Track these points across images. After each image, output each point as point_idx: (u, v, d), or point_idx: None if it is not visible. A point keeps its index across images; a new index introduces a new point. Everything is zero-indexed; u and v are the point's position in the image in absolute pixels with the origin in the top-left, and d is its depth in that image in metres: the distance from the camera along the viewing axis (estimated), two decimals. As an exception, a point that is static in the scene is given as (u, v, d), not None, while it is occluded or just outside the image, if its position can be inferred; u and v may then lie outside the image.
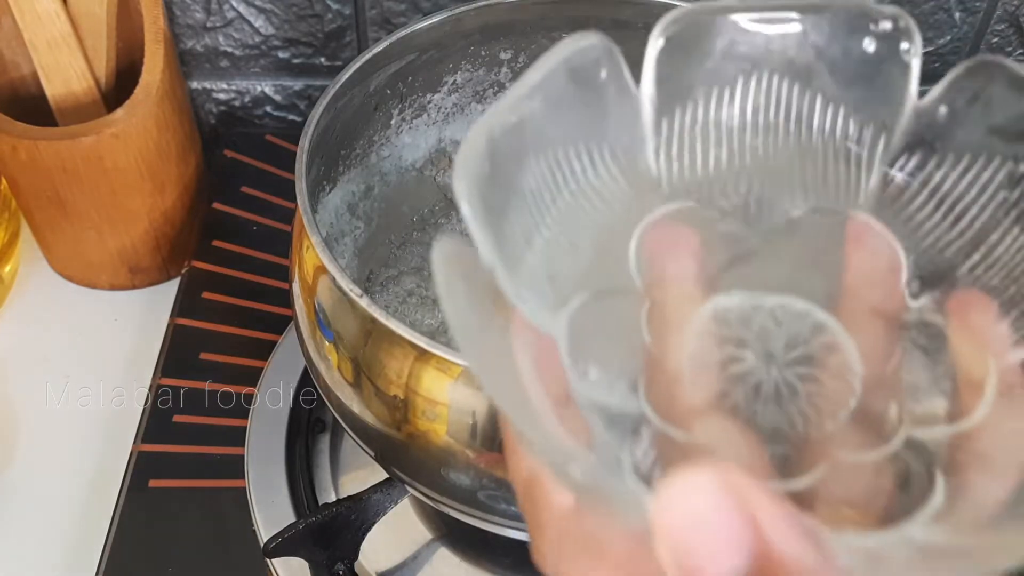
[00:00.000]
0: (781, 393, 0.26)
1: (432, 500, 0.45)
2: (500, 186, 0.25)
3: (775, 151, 0.29)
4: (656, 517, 0.19)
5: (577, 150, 0.27)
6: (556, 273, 0.27)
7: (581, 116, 0.27)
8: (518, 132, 0.26)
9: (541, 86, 0.26)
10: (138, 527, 0.53)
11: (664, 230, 0.28)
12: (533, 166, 0.26)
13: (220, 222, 0.66)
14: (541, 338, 0.25)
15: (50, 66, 0.58)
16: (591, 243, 0.27)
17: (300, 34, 0.69)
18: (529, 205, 0.26)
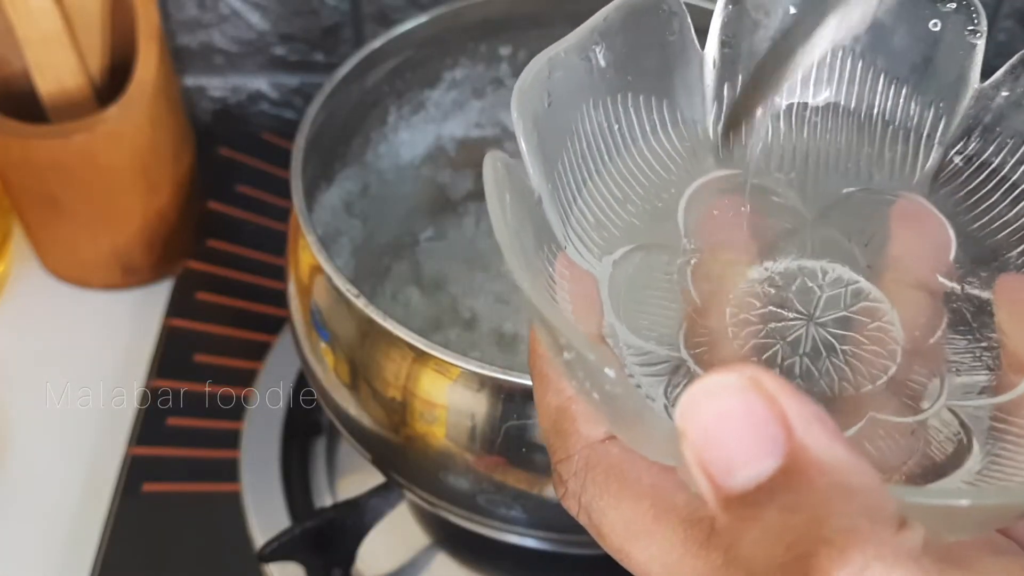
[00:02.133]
0: (819, 351, 0.26)
1: (430, 504, 0.44)
2: (557, 126, 0.25)
3: (834, 127, 0.29)
4: (683, 420, 0.19)
5: (636, 102, 0.28)
6: (604, 222, 0.27)
7: (645, 69, 0.27)
8: (580, 73, 0.26)
9: (606, 31, 0.26)
10: (132, 532, 0.52)
11: (718, 194, 0.28)
12: (592, 112, 0.27)
13: (215, 221, 0.66)
14: (582, 275, 0.26)
15: (42, 63, 0.58)
16: (642, 198, 0.28)
17: (296, 30, 0.68)
18: (584, 151, 0.27)
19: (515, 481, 0.40)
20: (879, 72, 0.29)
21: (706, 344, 0.26)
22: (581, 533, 0.43)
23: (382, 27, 0.66)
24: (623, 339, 0.25)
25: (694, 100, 0.29)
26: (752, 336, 0.26)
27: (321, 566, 0.49)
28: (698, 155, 0.29)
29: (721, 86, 0.29)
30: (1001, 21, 0.67)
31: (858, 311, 0.26)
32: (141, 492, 0.54)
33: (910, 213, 0.28)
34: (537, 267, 0.24)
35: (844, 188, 0.29)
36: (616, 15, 0.26)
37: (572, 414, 0.25)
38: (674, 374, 0.25)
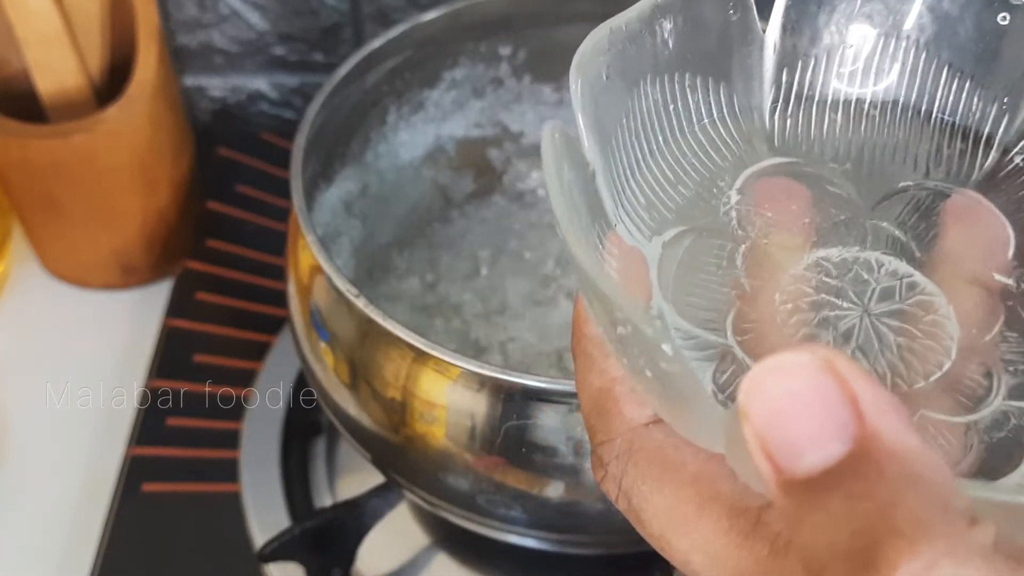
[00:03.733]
0: (872, 343, 0.25)
1: (430, 504, 0.44)
2: (614, 100, 0.25)
3: (892, 120, 0.29)
4: (747, 398, 0.18)
5: (694, 83, 0.27)
6: (656, 203, 0.26)
7: (704, 50, 0.27)
8: (640, 48, 0.25)
9: (668, 7, 0.26)
10: (131, 532, 0.52)
11: (775, 181, 0.28)
12: (649, 89, 0.26)
13: (214, 221, 0.65)
14: (632, 253, 0.25)
15: (42, 63, 0.58)
16: (694, 181, 0.27)
17: (296, 30, 0.68)
18: (639, 129, 0.26)
19: (515, 481, 0.40)
20: (943, 64, 0.28)
21: (754, 331, 0.25)
22: (581, 533, 0.43)
23: (382, 27, 0.66)
24: (671, 321, 0.25)
25: (752, 84, 0.28)
26: (803, 324, 0.25)
27: (321, 566, 0.49)
28: (753, 141, 0.28)
29: (780, 72, 0.29)
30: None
31: (913, 304, 0.26)
32: (141, 492, 0.53)
33: (967, 209, 0.27)
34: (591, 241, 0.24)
35: (900, 182, 0.28)
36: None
37: (616, 395, 0.24)
38: (721, 361, 0.25)
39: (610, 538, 0.43)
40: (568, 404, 0.38)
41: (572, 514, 0.41)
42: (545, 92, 0.58)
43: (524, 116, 0.59)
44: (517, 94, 0.57)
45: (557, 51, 0.56)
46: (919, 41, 0.28)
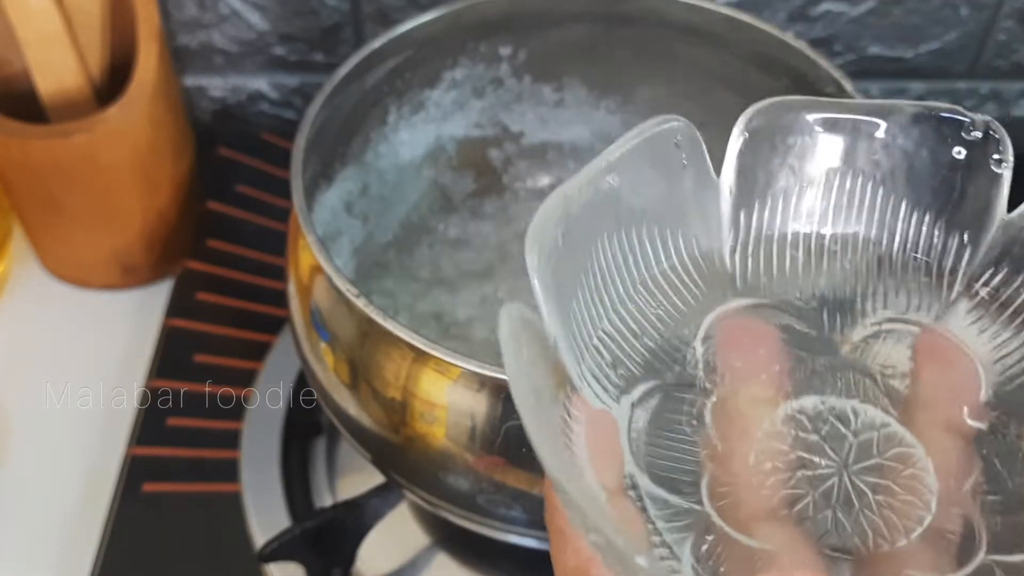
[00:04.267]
0: (852, 501, 0.25)
1: (430, 504, 0.44)
2: (571, 262, 0.25)
3: (854, 255, 0.29)
4: None
5: (651, 234, 0.27)
6: (621, 359, 0.26)
7: (658, 199, 0.27)
8: (593, 208, 0.25)
9: (620, 164, 0.25)
10: (132, 532, 0.52)
11: (740, 323, 0.27)
12: (606, 245, 0.26)
13: (214, 221, 0.65)
14: (601, 420, 0.25)
15: (42, 63, 0.58)
16: (659, 331, 0.27)
17: (296, 30, 0.68)
18: (599, 286, 0.26)
19: (515, 481, 0.40)
20: (900, 199, 0.28)
21: (731, 495, 0.25)
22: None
23: (382, 27, 0.66)
24: (645, 490, 0.24)
25: (710, 228, 0.28)
26: (780, 485, 0.25)
27: (321, 566, 0.49)
28: (715, 285, 0.28)
29: (737, 214, 0.28)
30: (1001, 21, 0.67)
31: (891, 457, 0.25)
32: (141, 492, 0.53)
33: (936, 348, 0.27)
34: (555, 418, 0.23)
35: (867, 319, 0.28)
36: (629, 150, 0.26)
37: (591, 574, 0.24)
38: (702, 530, 0.24)
39: (610, 538, 0.43)
40: (568, 404, 0.38)
41: (572, 514, 0.41)
42: (545, 92, 0.58)
43: (524, 116, 0.59)
44: (517, 94, 0.57)
45: (557, 51, 0.56)
46: (875, 176, 0.28)
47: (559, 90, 0.58)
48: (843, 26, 0.67)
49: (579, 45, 0.56)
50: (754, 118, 0.28)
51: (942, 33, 0.67)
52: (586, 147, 0.60)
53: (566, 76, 0.57)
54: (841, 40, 0.68)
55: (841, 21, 0.66)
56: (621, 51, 0.55)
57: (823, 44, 0.67)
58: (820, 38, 0.67)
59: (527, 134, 0.59)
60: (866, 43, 0.68)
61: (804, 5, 0.66)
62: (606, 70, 0.57)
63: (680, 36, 0.53)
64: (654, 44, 0.54)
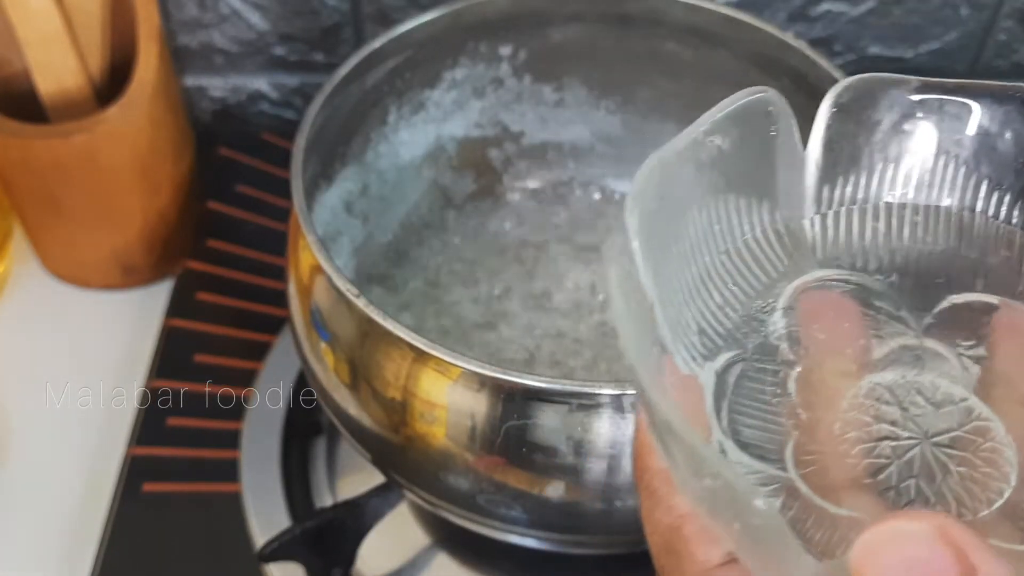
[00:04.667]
0: (934, 473, 0.25)
1: (430, 504, 0.44)
2: (663, 229, 0.25)
3: (935, 231, 0.29)
4: (861, 564, 0.18)
5: (738, 204, 0.28)
6: (706, 329, 0.27)
7: (747, 169, 0.27)
8: (686, 175, 0.26)
9: (714, 131, 0.26)
10: (132, 532, 0.52)
11: (822, 296, 0.28)
12: (696, 213, 0.27)
13: (214, 221, 0.65)
14: (689, 385, 0.25)
15: (42, 63, 0.58)
16: (741, 303, 0.27)
17: (296, 30, 0.68)
18: (687, 254, 0.26)
19: (515, 481, 0.40)
20: (982, 178, 0.28)
21: (816, 463, 0.25)
22: (581, 533, 0.43)
23: (382, 27, 0.66)
24: (732, 457, 0.25)
25: (794, 200, 0.29)
26: (865, 455, 0.25)
27: (321, 566, 0.49)
28: (797, 257, 0.28)
29: (822, 187, 0.29)
30: (1001, 21, 0.67)
31: (971, 430, 0.25)
32: (141, 492, 0.53)
33: (1013, 323, 0.27)
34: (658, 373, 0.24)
35: (947, 294, 0.28)
36: (723, 118, 0.26)
37: (685, 535, 0.24)
38: (786, 496, 0.25)
39: (610, 538, 0.43)
40: (568, 404, 0.38)
41: (572, 514, 0.41)
42: (545, 92, 0.58)
43: (524, 116, 0.58)
44: (517, 94, 0.57)
45: (557, 51, 0.56)
46: (959, 155, 0.29)
47: (559, 90, 0.58)
48: (843, 26, 0.67)
49: (579, 45, 0.56)
50: (843, 93, 0.28)
51: (942, 33, 0.67)
52: (586, 147, 0.60)
53: (566, 76, 0.57)
54: (841, 40, 0.68)
55: (841, 21, 0.66)
56: (621, 51, 0.55)
57: (823, 44, 0.67)
58: (820, 38, 0.67)
59: (527, 134, 0.59)
60: (866, 43, 0.68)
61: (804, 5, 0.66)
62: (606, 70, 0.57)
63: (680, 36, 0.53)
64: (654, 44, 0.54)
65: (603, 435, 0.38)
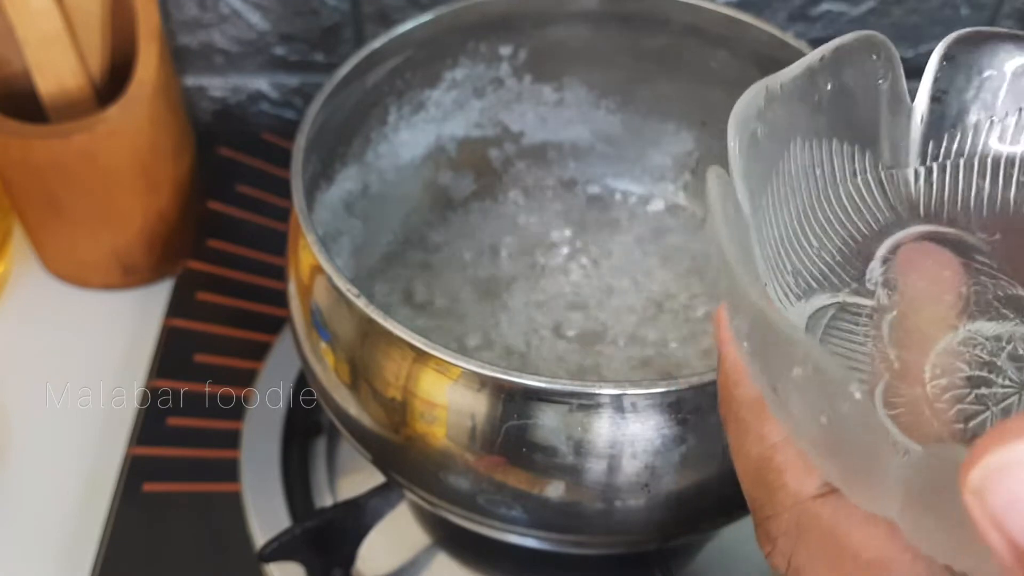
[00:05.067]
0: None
1: (430, 504, 0.44)
2: (763, 160, 0.25)
3: None
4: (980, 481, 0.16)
5: (840, 147, 0.27)
6: (800, 270, 0.26)
7: (852, 115, 0.27)
8: (792, 109, 0.25)
9: (821, 71, 0.25)
10: (132, 532, 0.52)
11: (923, 246, 0.27)
12: (797, 152, 0.26)
13: (215, 221, 0.65)
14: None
15: (42, 63, 0.58)
16: (837, 248, 0.27)
17: (297, 30, 0.68)
18: (786, 191, 0.26)
19: (515, 481, 0.40)
20: None
21: (906, 406, 0.24)
22: (581, 533, 0.43)
23: (382, 27, 0.66)
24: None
25: (898, 153, 0.28)
26: (957, 401, 0.25)
27: (321, 566, 0.49)
28: (898, 208, 0.28)
29: (927, 142, 0.29)
30: (1001, 21, 0.67)
31: None
32: (141, 492, 0.53)
33: None
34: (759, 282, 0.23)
35: None
36: (831, 56, 0.26)
37: (778, 465, 0.23)
38: None
39: (610, 538, 0.43)
40: (568, 404, 0.38)
41: (572, 514, 0.41)
42: (545, 92, 0.58)
43: (524, 116, 0.58)
44: (517, 94, 0.57)
45: (557, 51, 0.56)
46: None
47: (559, 90, 0.58)
48: (843, 26, 0.67)
49: (579, 45, 0.56)
50: (953, 46, 0.28)
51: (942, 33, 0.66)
52: (586, 147, 0.60)
53: (566, 76, 0.57)
54: (841, 40, 0.68)
55: (841, 21, 0.66)
56: (621, 51, 0.55)
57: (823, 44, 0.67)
58: (820, 38, 0.67)
59: (527, 134, 0.59)
60: (866, 43, 0.68)
61: (804, 5, 0.66)
62: (606, 70, 0.57)
63: (680, 36, 0.53)
64: (654, 44, 0.54)
65: (603, 435, 0.38)
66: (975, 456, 0.17)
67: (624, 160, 0.60)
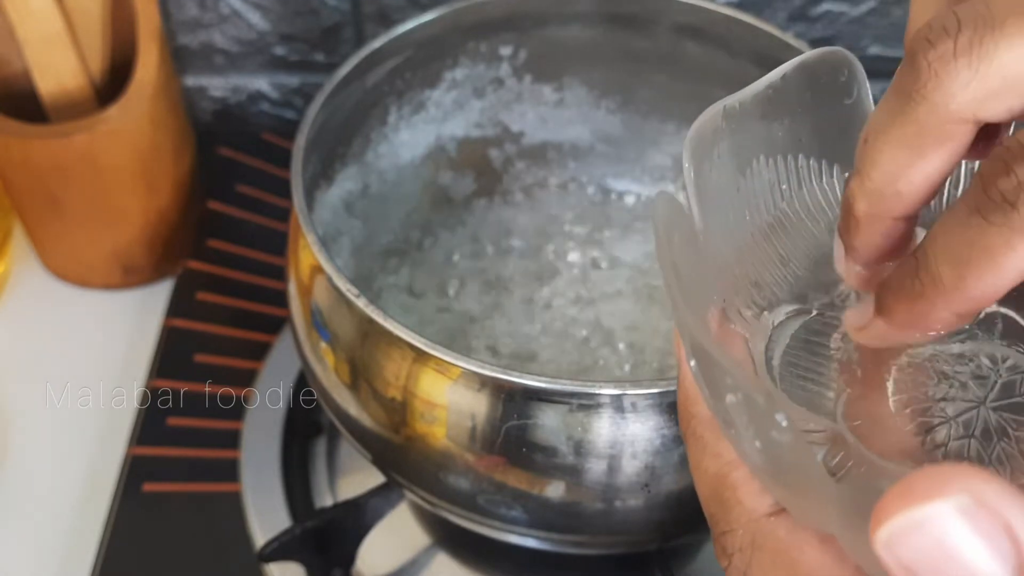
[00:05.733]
0: (991, 435, 0.25)
1: (430, 504, 0.44)
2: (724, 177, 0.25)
3: None
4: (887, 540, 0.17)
5: (807, 163, 0.27)
6: (767, 282, 0.26)
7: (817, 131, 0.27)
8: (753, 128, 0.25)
9: (783, 89, 0.26)
10: (132, 532, 0.52)
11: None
12: (760, 168, 0.26)
13: (215, 221, 0.65)
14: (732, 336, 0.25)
15: (43, 63, 0.58)
16: (806, 260, 0.27)
17: (296, 30, 0.68)
18: (749, 207, 0.26)
19: (515, 481, 0.40)
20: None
21: (867, 418, 0.25)
22: (581, 533, 0.43)
23: (382, 27, 0.66)
24: (779, 403, 0.24)
25: None
26: (918, 414, 0.25)
27: (321, 566, 0.49)
28: None
29: None
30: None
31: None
32: (141, 492, 0.53)
33: None
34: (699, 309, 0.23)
35: None
36: (794, 74, 0.26)
37: (733, 482, 0.24)
38: (832, 445, 0.24)
39: (610, 538, 0.43)
40: (568, 404, 0.38)
41: (572, 514, 0.41)
42: (545, 92, 0.58)
43: (525, 116, 0.58)
44: (518, 94, 0.57)
45: (557, 51, 0.56)
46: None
47: (559, 90, 0.58)
48: (843, 26, 0.67)
49: (579, 45, 0.56)
50: None
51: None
52: (586, 147, 0.60)
53: (566, 76, 0.57)
54: (841, 40, 0.68)
55: (841, 21, 0.66)
56: (621, 51, 0.55)
57: (823, 44, 0.67)
58: (820, 38, 0.67)
59: (527, 134, 0.59)
60: (867, 43, 0.68)
61: (804, 5, 0.66)
62: (606, 70, 0.57)
63: (680, 36, 0.53)
64: (654, 44, 0.54)
65: (603, 435, 0.38)
66: (881, 515, 0.17)
67: (624, 160, 0.60)
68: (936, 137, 0.22)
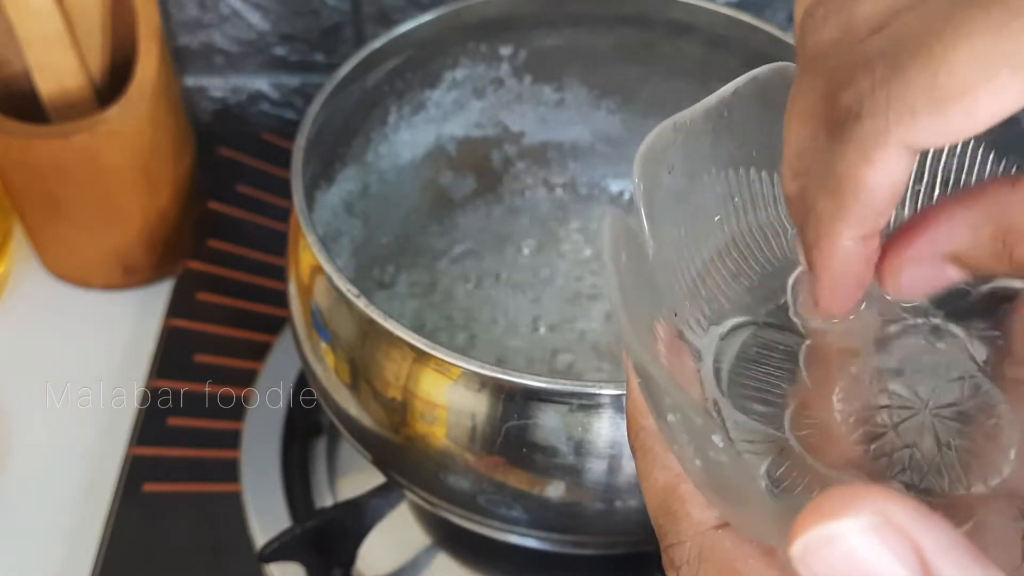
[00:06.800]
0: (932, 444, 0.25)
1: (431, 505, 0.44)
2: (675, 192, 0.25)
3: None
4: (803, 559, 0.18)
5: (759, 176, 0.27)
6: (716, 295, 0.27)
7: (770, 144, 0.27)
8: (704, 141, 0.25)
9: (734, 104, 0.26)
10: (132, 532, 0.52)
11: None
12: (712, 183, 0.26)
13: (215, 221, 0.65)
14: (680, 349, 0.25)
15: (43, 63, 0.58)
16: (756, 273, 0.27)
17: (296, 30, 0.68)
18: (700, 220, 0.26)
19: (515, 481, 0.40)
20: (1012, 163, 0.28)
21: (813, 428, 0.25)
22: (581, 533, 0.43)
23: (382, 27, 0.66)
24: (727, 414, 0.25)
25: None
26: (862, 423, 0.25)
27: (321, 566, 0.49)
28: None
29: None
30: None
31: (975, 406, 0.25)
32: (141, 492, 0.53)
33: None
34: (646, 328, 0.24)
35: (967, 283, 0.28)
36: (746, 88, 0.26)
37: (681, 495, 0.24)
38: (778, 454, 0.25)
39: (610, 538, 0.43)
40: (568, 404, 0.38)
41: (572, 514, 0.41)
42: (545, 92, 0.58)
43: (525, 116, 0.59)
44: (518, 94, 0.57)
45: (557, 51, 0.56)
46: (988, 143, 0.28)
47: (559, 90, 0.58)
48: (843, 26, 0.67)
49: (579, 45, 0.56)
50: None
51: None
52: (586, 147, 0.60)
53: (566, 76, 0.57)
54: (841, 40, 0.67)
55: (841, 21, 0.66)
56: (621, 51, 0.55)
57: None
58: (820, 38, 0.67)
59: (527, 134, 0.59)
60: (866, 43, 0.68)
61: (804, 5, 0.66)
62: (606, 70, 0.57)
63: (680, 36, 0.53)
64: (654, 44, 0.54)
65: (603, 435, 0.38)
66: (796, 530, 0.18)
67: (624, 160, 0.60)
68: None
